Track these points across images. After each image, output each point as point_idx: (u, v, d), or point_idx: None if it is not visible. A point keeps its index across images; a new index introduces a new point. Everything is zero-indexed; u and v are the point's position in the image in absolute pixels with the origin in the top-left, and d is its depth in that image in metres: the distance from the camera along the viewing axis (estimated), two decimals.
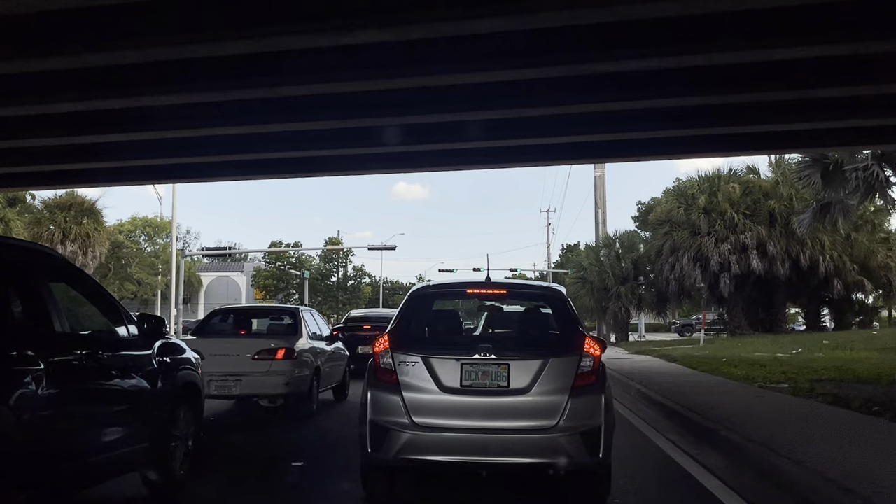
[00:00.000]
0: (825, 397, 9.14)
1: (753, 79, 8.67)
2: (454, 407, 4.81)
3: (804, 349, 19.20)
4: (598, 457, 4.79)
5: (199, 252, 56.08)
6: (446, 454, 4.75)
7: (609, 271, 31.76)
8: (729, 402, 9.18)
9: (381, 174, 15.90)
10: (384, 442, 4.77)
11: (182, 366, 5.42)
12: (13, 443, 3.44)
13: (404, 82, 8.66)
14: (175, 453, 5.16)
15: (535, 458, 4.74)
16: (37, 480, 3.70)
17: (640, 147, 12.27)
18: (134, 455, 4.62)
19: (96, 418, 4.30)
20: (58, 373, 3.83)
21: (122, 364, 4.62)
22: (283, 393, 9.16)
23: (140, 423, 4.70)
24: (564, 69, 8.12)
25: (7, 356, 3.55)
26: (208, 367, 8.09)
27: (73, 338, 4.29)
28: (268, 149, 11.69)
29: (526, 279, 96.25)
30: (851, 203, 19.40)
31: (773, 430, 6.64)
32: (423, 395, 4.81)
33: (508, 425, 4.76)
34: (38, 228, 29.25)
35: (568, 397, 4.79)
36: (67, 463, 3.98)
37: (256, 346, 9.32)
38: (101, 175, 14.26)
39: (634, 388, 11.61)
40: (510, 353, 4.89)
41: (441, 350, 4.97)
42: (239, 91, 8.86)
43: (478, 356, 4.84)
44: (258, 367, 9.07)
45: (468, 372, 4.86)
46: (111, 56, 7.58)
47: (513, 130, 10.86)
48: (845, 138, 11.75)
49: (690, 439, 7.17)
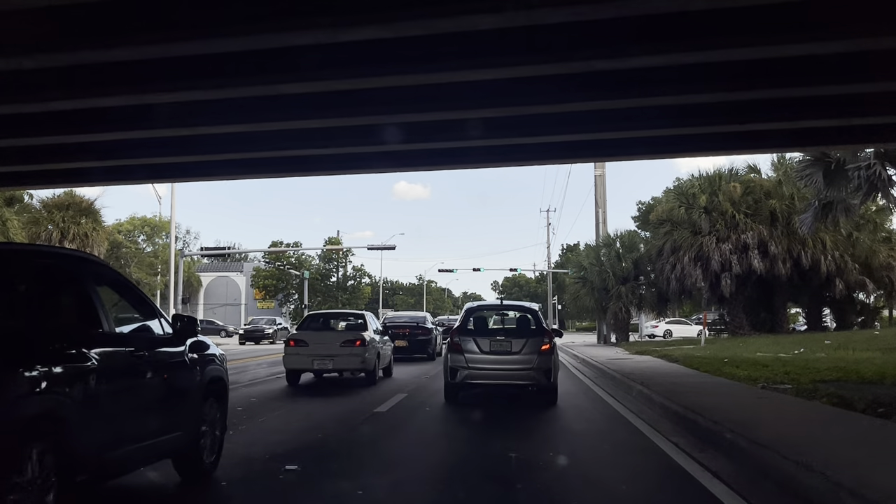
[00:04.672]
0: (829, 398, 9.01)
1: (757, 76, 8.59)
2: (486, 359, 10.54)
3: (806, 349, 19.08)
4: (551, 381, 10.53)
5: (198, 252, 55.95)
6: (482, 380, 10.69)
7: (609, 271, 31.60)
8: (732, 403, 9.05)
9: (379, 173, 16.08)
10: (455, 375, 10.55)
11: (210, 362, 5.85)
12: (74, 430, 3.89)
13: (403, 79, 8.56)
14: (204, 442, 5.61)
15: (523, 381, 10.64)
16: (90, 465, 4.11)
17: (640, 145, 12.21)
18: (169, 443, 5.10)
19: (138, 408, 4.73)
20: (106, 368, 4.31)
21: (159, 360, 5.07)
22: (360, 368, 13.79)
23: (174, 414, 5.18)
24: (565, 66, 8.05)
25: (66, 353, 4.04)
26: (312, 350, 13.60)
27: (117, 336, 4.78)
28: (265, 147, 11.66)
29: (526, 279, 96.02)
30: (854, 202, 19.27)
31: (778, 432, 6.52)
32: (472, 354, 10.55)
33: (511, 367, 10.54)
34: (35, 228, 29.08)
35: (537, 355, 10.47)
36: (113, 449, 4.36)
37: (342, 338, 13.97)
38: (96, 174, 14.17)
39: (636, 389, 11.48)
40: (511, 336, 10.94)
41: (479, 334, 10.96)
42: (235, 89, 8.77)
43: (497, 337, 10.86)
44: (344, 351, 13.54)
45: (492, 343, 10.64)
46: (102, 54, 7.53)
47: (513, 129, 10.84)
48: (848, 136, 11.68)
49: (694, 442, 7.04)
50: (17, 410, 3.52)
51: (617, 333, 32.15)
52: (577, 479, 5.63)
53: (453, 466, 6.34)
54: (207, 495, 5.42)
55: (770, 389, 10.64)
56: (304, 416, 9.57)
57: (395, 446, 7.47)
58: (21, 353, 3.71)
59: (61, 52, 7.36)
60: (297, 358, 13.66)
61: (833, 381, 11.26)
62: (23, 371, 3.62)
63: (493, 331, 11.88)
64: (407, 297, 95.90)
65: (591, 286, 32.16)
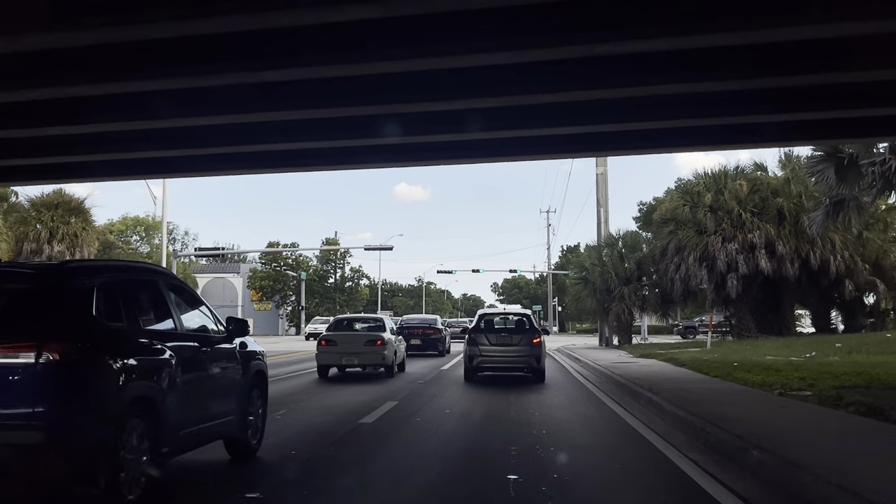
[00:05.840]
0: (857, 407, 8.33)
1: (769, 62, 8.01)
2: (494, 349, 14.85)
3: (818, 353, 18.41)
4: (540, 365, 14.69)
5: (192, 253, 55.20)
6: (492, 363, 14.94)
7: (612, 271, 30.78)
8: (751, 412, 8.38)
9: (374, 168, 15.87)
10: (472, 361, 14.85)
11: (254, 357, 6.91)
12: (160, 410, 4.90)
13: (396, 66, 7.98)
14: (250, 427, 6.63)
15: (520, 366, 14.89)
16: (171, 440, 5.10)
17: (643, 138, 11.76)
18: (224, 426, 6.13)
19: (202, 395, 5.72)
20: (180, 361, 5.31)
21: (217, 355, 6.15)
22: (380, 364, 16.16)
23: (228, 401, 6.20)
24: (566, 50, 7.49)
25: (153, 348, 5.08)
26: (340, 349, 16.02)
27: (187, 335, 5.74)
28: (258, 140, 11.15)
29: (525, 281, 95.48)
30: (866, 200, 18.67)
31: (808, 448, 5.84)
32: (483, 346, 14.86)
33: (511, 354, 14.79)
34: (24, 228, 28.36)
35: (530, 346, 14.72)
36: (186, 427, 5.40)
37: (365, 338, 16.44)
38: (72, 170, 13.58)
39: (644, 396, 10.80)
40: (511, 333, 15.53)
41: (488, 332, 15.48)
42: (217, 76, 8.18)
43: (501, 334, 15.53)
44: (367, 350, 15.98)
45: (498, 338, 15.18)
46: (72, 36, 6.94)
47: (512, 120, 10.34)
48: (861, 129, 11.10)
49: (715, 459, 6.33)
50: (123, 393, 4.60)
51: (619, 336, 31.36)
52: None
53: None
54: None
55: (789, 397, 9.95)
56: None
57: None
58: (123, 348, 4.75)
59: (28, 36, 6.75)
60: (328, 355, 16.07)
61: (853, 386, 10.57)
62: (125, 362, 4.70)
63: (498, 329, 16.17)
64: (406, 299, 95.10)
65: (593, 287, 31.37)
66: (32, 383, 4.11)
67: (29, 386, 4.11)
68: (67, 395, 4.20)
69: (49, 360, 4.12)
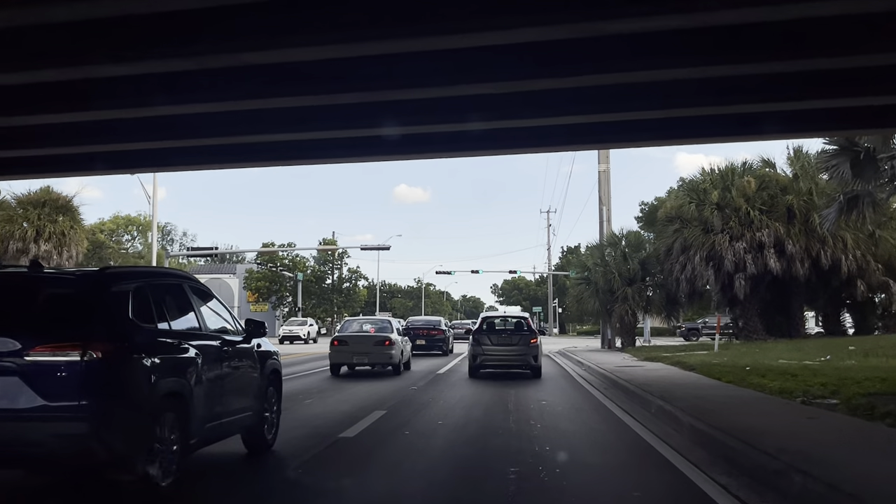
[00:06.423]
0: (894, 419, 7.54)
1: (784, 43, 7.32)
2: (495, 349, 16.58)
3: (832, 356, 17.59)
4: (536, 363, 16.54)
5: (184, 252, 54.37)
6: (493, 361, 16.59)
7: (615, 271, 29.87)
8: (775, 424, 7.58)
9: (370, 161, 15.46)
10: (475, 359, 16.52)
11: (270, 357, 7.29)
12: (189, 404, 5.31)
13: (392, 46, 7.29)
14: (266, 422, 7.02)
15: (520, 363, 16.63)
16: (198, 432, 5.49)
17: (647, 129, 11.23)
18: (244, 420, 6.53)
19: (225, 392, 6.06)
20: (205, 359, 5.71)
21: (237, 354, 6.48)
22: (388, 363, 17.33)
23: (247, 398, 6.56)
24: (568, 28, 6.91)
25: (181, 347, 5.48)
26: (351, 349, 17.21)
27: (210, 335, 6.09)
28: (249, 131, 10.64)
29: (525, 282, 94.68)
30: (881, 196, 17.89)
31: (862, 470, 5.05)
32: (486, 346, 16.60)
33: (511, 353, 16.59)
34: (9, 226, 27.53)
35: (528, 346, 16.51)
36: (211, 421, 5.76)
37: (374, 339, 17.60)
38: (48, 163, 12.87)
39: (655, 405, 9.98)
40: (511, 333, 17.39)
41: (490, 332, 17.50)
42: (193, 59, 7.52)
43: (502, 335, 17.37)
44: (376, 349, 17.24)
45: (499, 339, 16.94)
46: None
47: (512, 109, 9.80)
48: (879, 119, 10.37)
49: (748, 483, 5.50)
50: (157, 388, 4.99)
51: (622, 338, 30.47)
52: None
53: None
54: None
55: (814, 405, 9.15)
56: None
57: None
58: (156, 348, 5.14)
59: None
60: (340, 354, 17.26)
61: (883, 394, 9.73)
62: (158, 360, 5.08)
63: (499, 330, 17.97)
64: (405, 301, 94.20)
65: (595, 287, 30.48)
66: (78, 379, 4.49)
67: (75, 382, 4.49)
68: (109, 390, 4.62)
69: (93, 358, 4.52)
